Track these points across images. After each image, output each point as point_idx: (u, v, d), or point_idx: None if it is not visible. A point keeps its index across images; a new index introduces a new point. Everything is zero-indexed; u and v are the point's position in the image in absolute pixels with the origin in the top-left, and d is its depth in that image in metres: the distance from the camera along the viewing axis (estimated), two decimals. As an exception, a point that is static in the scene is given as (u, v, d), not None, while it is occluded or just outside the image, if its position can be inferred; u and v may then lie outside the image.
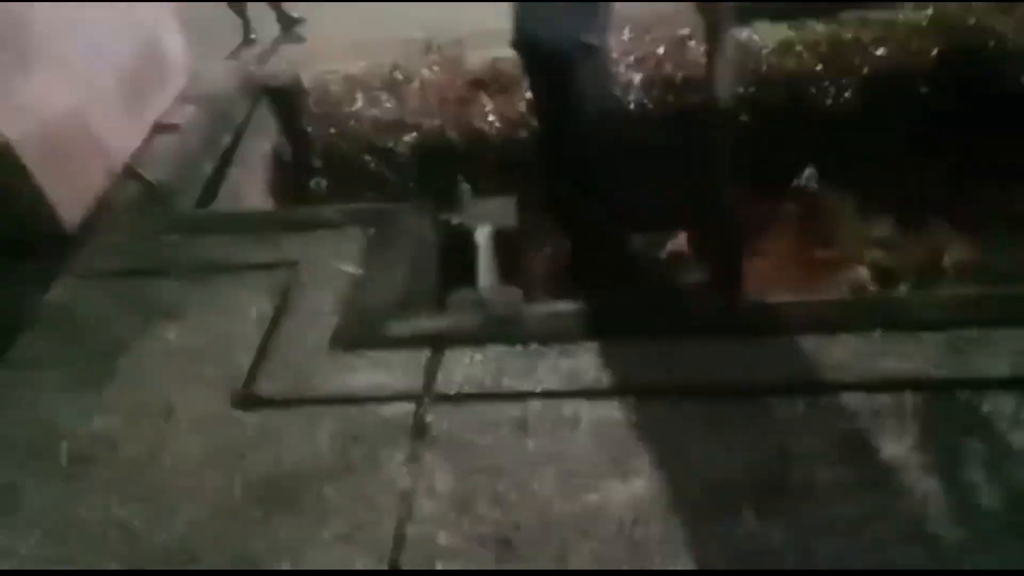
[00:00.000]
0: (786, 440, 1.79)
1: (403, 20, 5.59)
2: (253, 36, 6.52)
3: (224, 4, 6.42)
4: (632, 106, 3.59)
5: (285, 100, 3.75)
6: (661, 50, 3.82)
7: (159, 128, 3.34)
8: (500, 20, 5.54)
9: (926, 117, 3.51)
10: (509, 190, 3.18)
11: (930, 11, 3.81)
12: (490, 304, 2.35)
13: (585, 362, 2.04)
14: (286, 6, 6.67)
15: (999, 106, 3.41)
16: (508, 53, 4.47)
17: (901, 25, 3.85)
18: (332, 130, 3.78)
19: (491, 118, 3.83)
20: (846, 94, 3.66)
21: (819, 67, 3.68)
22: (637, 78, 3.68)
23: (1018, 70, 3.49)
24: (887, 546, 1.56)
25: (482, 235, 2.79)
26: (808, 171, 3.37)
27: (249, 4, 6.55)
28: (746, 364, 1.97)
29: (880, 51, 3.69)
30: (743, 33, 4.15)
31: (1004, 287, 2.48)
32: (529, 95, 3.58)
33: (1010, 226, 3.19)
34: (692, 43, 3.79)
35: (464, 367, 2.07)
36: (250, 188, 3.32)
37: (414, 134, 3.78)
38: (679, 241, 3.00)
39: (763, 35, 4.11)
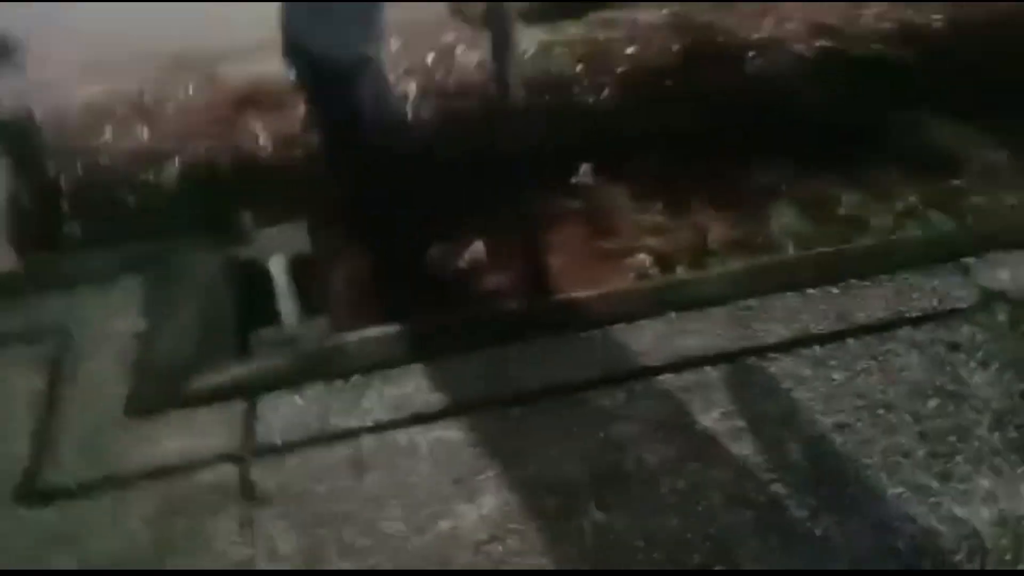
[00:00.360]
0: (612, 430, 1.88)
1: (139, 38, 5.12)
2: None
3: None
4: (411, 117, 3.57)
5: (16, 137, 3.29)
6: (430, 59, 3.84)
7: None
8: (256, 33, 5.27)
9: (677, 108, 3.84)
10: (295, 215, 3.04)
11: (665, 11, 4.17)
12: (298, 340, 2.23)
13: (411, 387, 2.01)
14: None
15: (738, 93, 3.82)
16: (271, 68, 4.29)
17: (643, 25, 4.18)
18: (79, 167, 3.37)
19: (263, 140, 3.63)
20: (605, 92, 3.90)
21: (579, 67, 3.89)
22: (412, 88, 3.67)
23: (746, 61, 3.92)
24: (718, 514, 1.69)
25: (276, 266, 2.64)
26: (583, 167, 3.55)
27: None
28: (562, 362, 2.05)
29: (630, 50, 3.97)
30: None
31: (766, 257, 2.78)
32: (303, 108, 3.46)
33: (757, 200, 3.58)
34: (459, 50, 3.85)
35: (283, 413, 1.96)
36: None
37: (177, 163, 3.48)
38: (476, 249, 3.03)
39: (523, 39, 4.28)
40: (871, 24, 4.09)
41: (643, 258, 3.25)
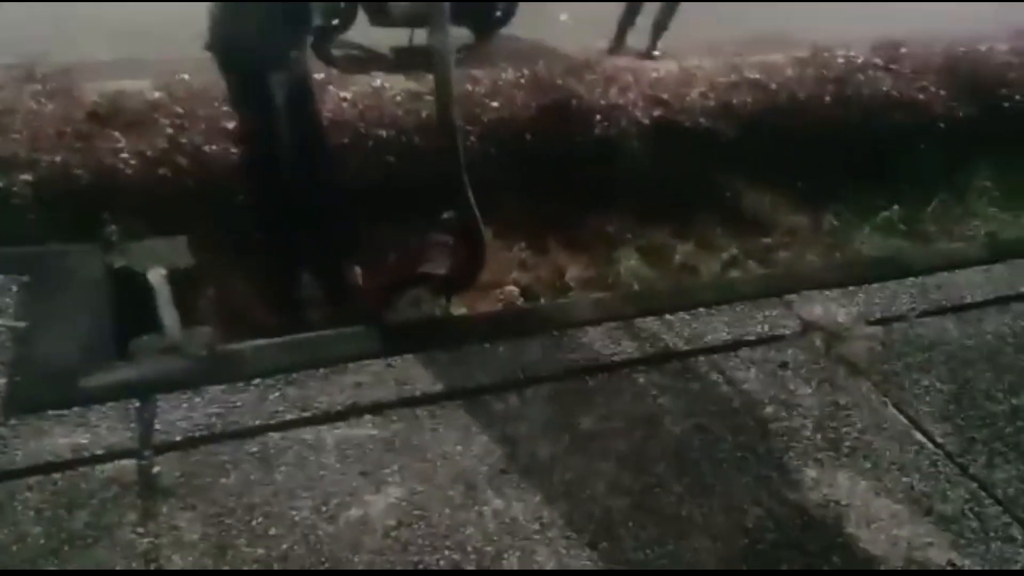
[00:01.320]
0: (506, 429, 2.07)
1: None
2: None
3: None
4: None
5: None
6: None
7: None
8: (108, 50, 5.09)
9: (534, 160, 4.18)
10: (165, 229, 3.01)
11: (527, 72, 4.55)
12: (179, 347, 2.24)
13: (315, 389, 2.08)
14: None
15: (585, 150, 4.23)
16: (129, 85, 4.19)
17: (504, 82, 4.52)
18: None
19: (124, 154, 3.53)
20: (471, 139, 4.18)
21: (447, 115, 4.14)
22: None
23: (594, 122, 4.36)
24: (598, 500, 1.91)
25: (155, 276, 2.61)
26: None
27: None
28: (461, 370, 2.21)
29: (495, 103, 4.29)
30: (376, 81, 4.49)
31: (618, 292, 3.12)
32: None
33: (604, 245, 3.98)
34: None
35: (183, 413, 1.96)
36: None
37: (30, 173, 3.30)
38: (353, 271, 3.15)
39: (391, 84, 4.50)
40: (697, 100, 4.69)
41: (511, 289, 3.52)
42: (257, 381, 2.07)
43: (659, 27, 6.06)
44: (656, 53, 6.07)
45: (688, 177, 4.33)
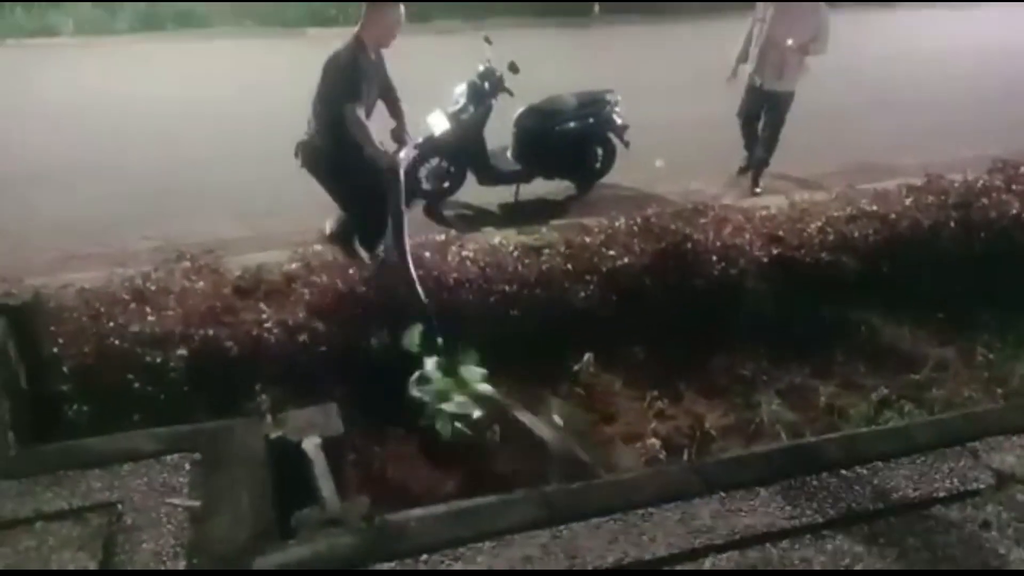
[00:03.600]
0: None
1: (123, 227, 5.24)
2: None
3: None
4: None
5: (24, 319, 3.24)
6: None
7: None
8: (244, 228, 5.44)
9: (656, 304, 4.16)
10: (310, 397, 3.08)
11: (639, 220, 4.61)
12: (339, 520, 2.21)
13: (484, 565, 2.00)
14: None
15: (708, 292, 4.18)
16: (268, 258, 4.44)
17: (618, 231, 4.59)
18: (86, 350, 3.32)
19: (268, 324, 3.69)
20: (591, 288, 4.20)
21: (568, 266, 4.20)
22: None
23: (712, 262, 4.33)
24: None
25: (310, 446, 2.63)
26: (586, 357, 3.76)
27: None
28: (630, 540, 2.09)
29: (611, 251, 4.33)
30: (494, 238, 4.64)
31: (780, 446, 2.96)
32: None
33: (740, 388, 3.83)
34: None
35: (355, 595, 1.90)
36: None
37: (185, 348, 3.47)
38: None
39: (496, 239, 4.63)
40: (815, 235, 4.62)
41: (652, 442, 3.39)
42: (424, 557, 2.01)
43: (760, 163, 6.13)
44: (758, 190, 6.11)
45: (816, 314, 4.19)
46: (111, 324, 3.46)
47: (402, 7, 3.96)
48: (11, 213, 5.39)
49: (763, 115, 6.07)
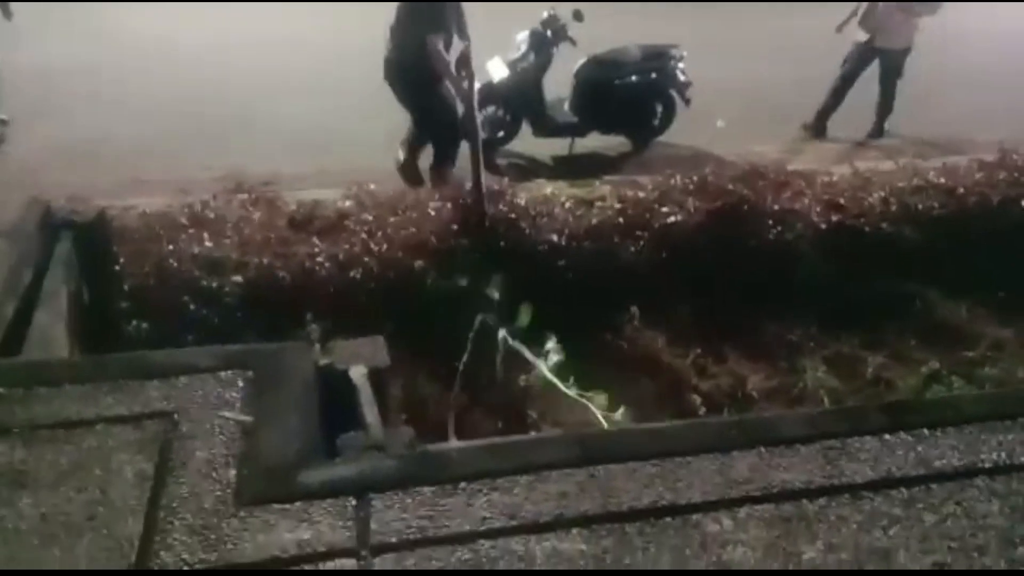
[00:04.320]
0: (723, 555, 1.93)
1: (173, 159, 5.37)
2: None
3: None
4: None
5: (89, 237, 3.36)
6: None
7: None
8: (301, 164, 5.54)
9: (708, 265, 4.12)
10: (358, 330, 3.14)
11: (695, 177, 4.55)
12: (384, 446, 2.27)
13: (519, 497, 2.04)
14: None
15: (761, 256, 4.12)
16: (325, 195, 4.51)
17: (673, 188, 4.53)
18: (146, 270, 3.44)
19: (320, 258, 3.76)
20: (641, 244, 4.18)
21: (620, 220, 4.18)
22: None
23: (767, 226, 4.26)
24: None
25: (357, 375, 2.70)
26: (632, 310, 3.76)
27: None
28: (667, 485, 2.11)
29: (664, 208, 4.29)
30: (547, 188, 4.62)
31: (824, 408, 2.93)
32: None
33: (787, 353, 3.80)
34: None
35: (396, 513, 1.96)
36: (59, 334, 2.88)
37: (240, 275, 3.58)
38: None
39: (549, 190, 4.62)
40: (877, 204, 4.50)
41: (693, 397, 3.40)
42: (463, 485, 2.06)
43: (875, 128, 6.05)
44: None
45: (873, 285, 4.11)
46: (171, 247, 3.58)
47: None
48: (88, 136, 5.58)
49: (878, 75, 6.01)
